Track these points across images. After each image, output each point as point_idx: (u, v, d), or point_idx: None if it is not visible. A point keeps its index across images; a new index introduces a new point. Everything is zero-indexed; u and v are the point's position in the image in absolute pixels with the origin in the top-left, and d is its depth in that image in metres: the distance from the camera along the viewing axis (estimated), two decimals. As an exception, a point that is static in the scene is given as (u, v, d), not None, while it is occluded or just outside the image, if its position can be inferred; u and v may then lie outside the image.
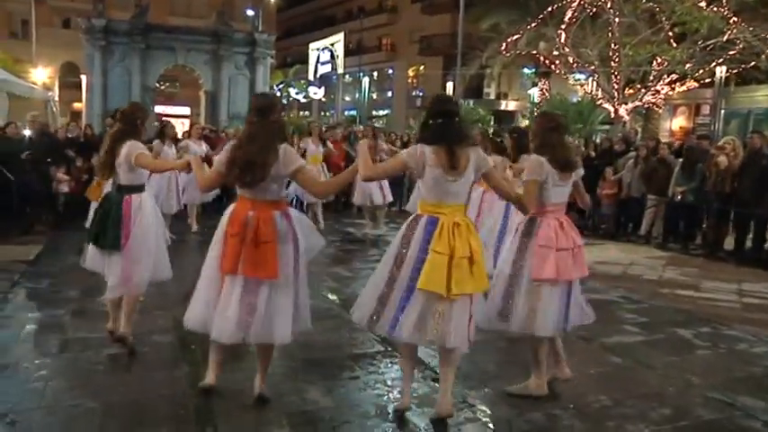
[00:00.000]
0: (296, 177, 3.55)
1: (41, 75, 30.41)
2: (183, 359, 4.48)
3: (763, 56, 18.61)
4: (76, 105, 30.73)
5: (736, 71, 20.21)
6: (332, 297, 6.48)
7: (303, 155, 10.27)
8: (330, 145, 10.99)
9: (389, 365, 4.49)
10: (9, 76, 14.86)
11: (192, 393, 3.88)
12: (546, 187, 3.92)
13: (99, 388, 3.97)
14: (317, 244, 3.88)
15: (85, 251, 4.75)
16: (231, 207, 3.67)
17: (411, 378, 3.77)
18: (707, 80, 20.83)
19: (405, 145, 13.17)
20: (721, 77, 20.16)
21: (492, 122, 27.37)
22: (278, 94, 40.33)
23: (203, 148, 9.99)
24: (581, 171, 4.20)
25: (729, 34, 18.83)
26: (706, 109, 25.20)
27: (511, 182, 5.10)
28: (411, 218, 3.53)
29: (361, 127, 17.21)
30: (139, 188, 4.59)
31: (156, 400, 3.83)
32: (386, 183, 9.79)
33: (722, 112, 22.61)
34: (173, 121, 15.40)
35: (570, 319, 4.05)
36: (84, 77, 24.31)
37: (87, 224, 5.67)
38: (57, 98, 25.09)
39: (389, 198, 10.28)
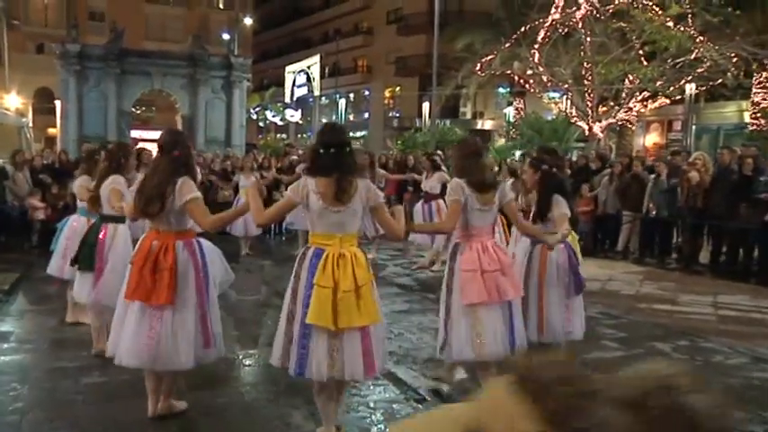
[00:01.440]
0: (187, 208, 3.65)
1: (15, 101, 30.14)
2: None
3: (729, 73, 19.06)
4: (51, 131, 30.45)
5: (704, 88, 20.67)
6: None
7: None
8: None
9: (371, 387, 4.49)
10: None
11: (174, 420, 3.84)
12: (467, 210, 3.97)
13: (78, 418, 3.92)
14: (226, 277, 4.04)
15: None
16: (141, 237, 3.87)
17: (329, 417, 3.58)
18: (678, 97, 21.25)
19: (382, 166, 13.22)
20: (691, 94, 20.60)
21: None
22: (254, 117, 40.39)
23: None
24: (510, 194, 4.24)
25: (697, 52, 19.27)
26: (678, 125, 25.63)
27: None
28: (302, 250, 3.53)
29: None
30: (119, 219, 4.86)
31: (136, 429, 3.79)
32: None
33: (693, 127, 23.03)
34: (149, 145, 15.33)
35: (516, 342, 4.02)
36: (58, 103, 24.13)
37: (52, 246, 5.83)
38: (31, 124, 24.90)
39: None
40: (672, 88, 20.60)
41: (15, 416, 3.95)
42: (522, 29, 21.61)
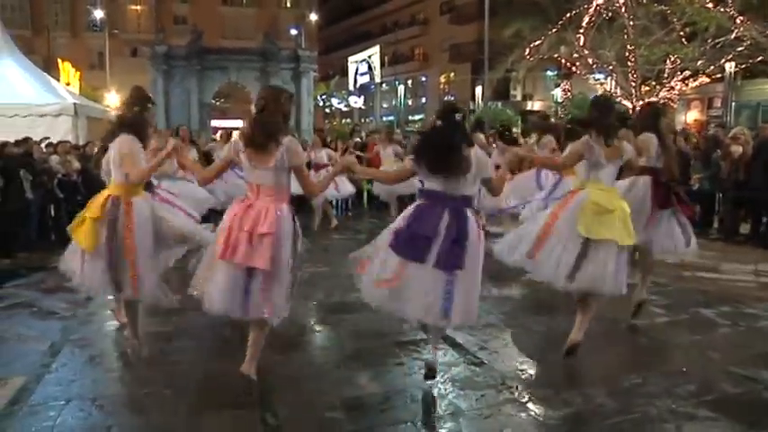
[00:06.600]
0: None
1: (114, 99, 31.23)
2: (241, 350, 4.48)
3: (769, 51, 17.96)
4: (145, 124, 31.38)
5: (744, 66, 19.57)
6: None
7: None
8: (399, 149, 10.75)
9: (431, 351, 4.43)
10: (87, 101, 15.38)
11: (251, 381, 3.89)
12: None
13: (169, 375, 3.99)
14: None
15: None
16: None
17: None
18: (718, 75, 20.21)
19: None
20: (731, 72, 19.52)
21: (519, 122, 27.12)
22: (321, 104, 40.65)
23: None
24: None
25: (736, 32, 18.25)
26: (718, 102, 24.42)
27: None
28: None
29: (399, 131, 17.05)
30: None
31: (219, 387, 3.83)
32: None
33: (733, 104, 21.86)
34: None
35: None
36: (150, 98, 24.83)
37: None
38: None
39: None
40: (712, 67, 19.61)
41: (118, 372, 4.08)
42: (568, 15, 20.93)
